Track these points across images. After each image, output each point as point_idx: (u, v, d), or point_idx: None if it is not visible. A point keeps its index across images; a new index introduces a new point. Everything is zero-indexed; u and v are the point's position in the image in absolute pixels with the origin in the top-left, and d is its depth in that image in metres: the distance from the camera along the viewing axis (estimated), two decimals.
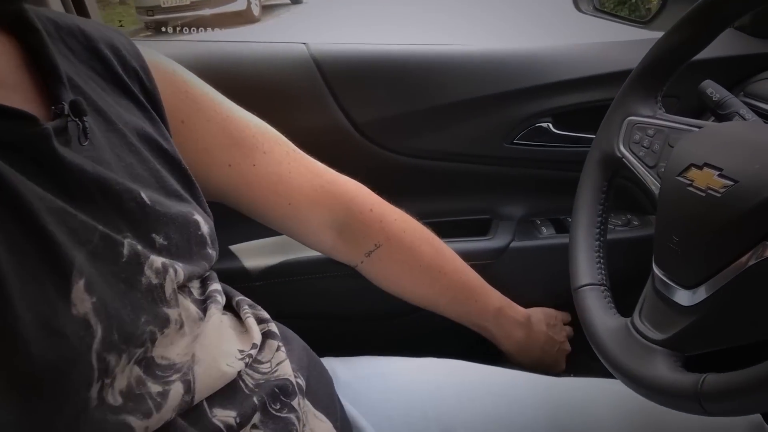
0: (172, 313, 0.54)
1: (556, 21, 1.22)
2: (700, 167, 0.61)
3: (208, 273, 0.64)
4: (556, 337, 0.97)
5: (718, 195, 0.58)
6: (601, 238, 0.77)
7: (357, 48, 0.95)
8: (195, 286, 0.61)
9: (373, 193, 0.83)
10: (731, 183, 0.57)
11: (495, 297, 0.91)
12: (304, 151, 0.80)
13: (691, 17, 0.70)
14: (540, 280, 1.04)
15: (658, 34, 1.12)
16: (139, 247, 0.51)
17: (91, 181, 0.49)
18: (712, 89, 0.79)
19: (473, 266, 0.97)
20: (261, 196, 0.75)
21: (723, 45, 0.83)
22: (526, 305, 0.99)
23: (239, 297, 0.68)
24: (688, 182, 0.61)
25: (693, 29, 0.70)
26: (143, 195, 0.54)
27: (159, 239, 0.54)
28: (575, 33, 1.18)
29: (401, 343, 0.99)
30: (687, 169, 0.63)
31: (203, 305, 0.60)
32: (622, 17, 1.20)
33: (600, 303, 0.72)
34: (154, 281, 0.52)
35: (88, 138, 0.51)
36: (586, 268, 0.75)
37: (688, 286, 0.61)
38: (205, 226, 0.61)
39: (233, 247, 0.96)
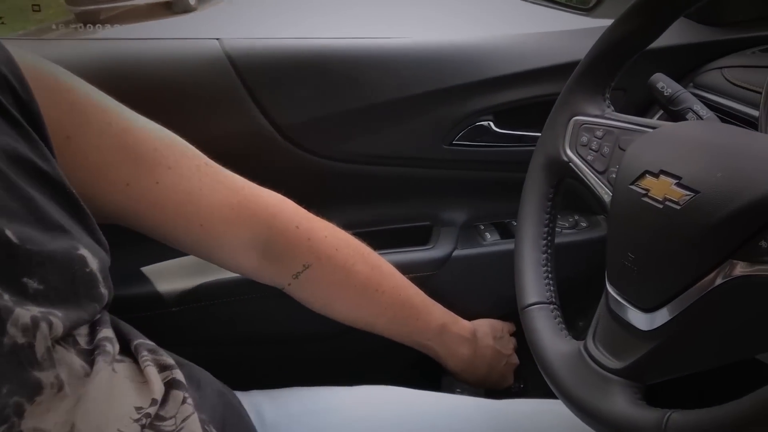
0: (45, 376, 0.45)
1: (494, 8, 1.13)
2: (655, 175, 0.55)
3: (99, 315, 0.54)
4: (503, 351, 0.91)
5: (678, 207, 0.51)
6: (549, 251, 0.71)
7: (277, 43, 0.86)
8: (82, 334, 0.52)
9: (299, 207, 0.75)
10: (691, 194, 0.51)
11: (438, 313, 0.84)
12: (220, 162, 0.71)
13: (639, 7, 0.63)
14: (486, 290, 0.97)
15: (601, 22, 1.07)
16: (5, 297, 0.42)
17: None
18: (663, 83, 0.73)
19: (414, 279, 0.89)
20: (167, 218, 0.66)
21: (670, 33, 0.77)
22: (472, 317, 0.92)
23: (139, 340, 0.58)
24: (643, 191, 0.55)
25: (642, 20, 0.64)
26: (8, 232, 0.44)
27: (33, 284, 0.45)
28: (514, 20, 1.11)
29: (334, 365, 0.92)
30: (641, 176, 0.56)
31: (90, 357, 0.51)
32: (563, 4, 1.14)
33: (549, 324, 0.66)
34: (21, 341, 0.43)
35: None
36: (533, 285, 0.68)
37: (647, 308, 0.54)
38: (94, 261, 0.52)
39: (146, 269, 0.86)
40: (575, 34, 0.95)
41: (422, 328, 0.83)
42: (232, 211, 0.68)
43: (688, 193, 0.51)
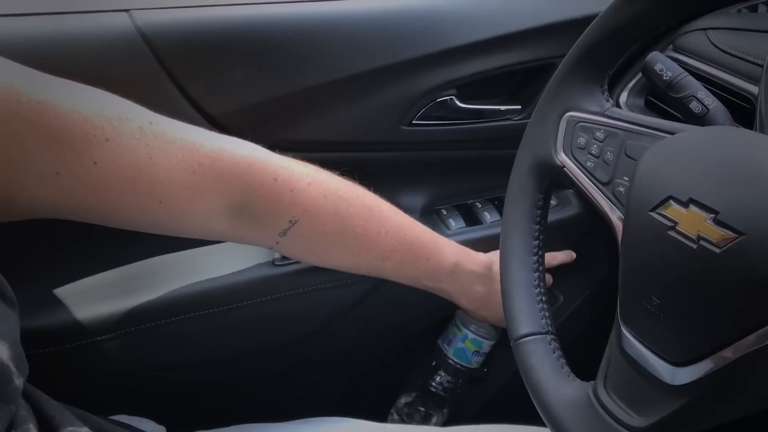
0: None
1: None
2: (684, 204, 0.46)
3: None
4: None
5: (717, 251, 0.43)
6: (540, 268, 0.62)
7: (198, 14, 0.70)
8: None
9: (272, 154, 0.64)
10: (734, 235, 0.42)
11: (449, 251, 0.76)
12: None
13: None
14: None
15: None
16: None
17: None
18: (662, 65, 0.63)
19: (370, 282, 0.80)
20: (114, 201, 0.55)
21: None
22: (434, 311, 0.85)
23: (69, 429, 0.47)
24: (669, 223, 0.46)
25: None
26: None
27: None
28: None
29: (284, 390, 0.84)
30: (664, 203, 0.47)
31: None
32: None
33: (548, 360, 0.58)
34: None
35: None
36: (525, 312, 0.60)
37: (677, 362, 0.46)
38: (2, 346, 0.41)
39: (61, 292, 0.73)
40: None
41: (434, 269, 0.75)
42: (193, 176, 0.57)
43: (729, 233, 0.42)
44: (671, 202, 0.46)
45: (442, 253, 0.75)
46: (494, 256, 0.80)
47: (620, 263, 0.51)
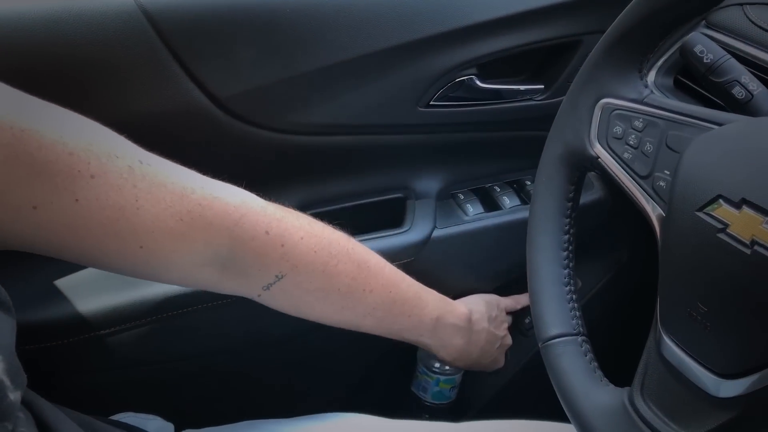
0: None
1: None
2: (736, 205, 0.42)
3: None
4: (497, 332, 0.82)
5: None
6: (571, 264, 0.58)
7: None
8: None
9: (267, 204, 0.59)
10: None
11: (432, 305, 0.73)
12: (147, 142, 0.54)
13: None
14: (469, 270, 0.86)
15: None
16: None
17: None
18: (703, 47, 0.59)
19: None
20: (93, 242, 0.50)
21: None
22: (455, 295, 0.81)
23: None
24: (720, 225, 0.43)
25: None
26: None
27: None
28: None
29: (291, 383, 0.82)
30: (713, 202, 0.44)
31: None
32: None
33: (580, 364, 0.54)
34: None
35: None
36: (554, 312, 0.57)
37: (725, 374, 0.43)
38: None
39: (62, 283, 0.70)
40: None
41: (415, 325, 0.72)
42: (180, 224, 0.52)
43: None
44: (721, 201, 0.43)
45: (424, 309, 0.72)
46: (474, 305, 0.79)
47: (660, 265, 0.48)
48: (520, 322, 0.98)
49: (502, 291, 0.88)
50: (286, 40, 0.69)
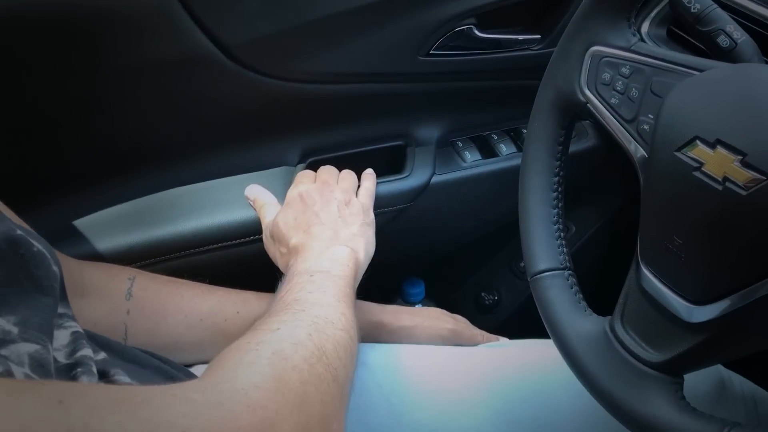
0: None
1: None
2: (711, 145, 0.45)
3: (67, 320, 0.45)
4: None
5: (744, 193, 0.43)
6: (560, 204, 0.62)
7: None
8: (59, 344, 0.43)
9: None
10: (761, 178, 0.42)
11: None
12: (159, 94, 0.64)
13: None
14: (467, 212, 0.89)
15: None
16: None
17: None
18: None
19: (389, 213, 0.81)
20: None
21: None
22: (449, 241, 0.85)
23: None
24: (695, 164, 0.46)
25: None
26: None
27: None
28: None
29: None
30: (690, 143, 0.47)
31: (70, 375, 0.41)
32: None
33: (566, 295, 0.58)
34: None
35: None
36: (543, 248, 0.60)
37: (696, 300, 0.47)
38: (39, 241, 0.44)
39: (79, 223, 0.74)
40: None
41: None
42: None
43: (757, 176, 0.42)
44: (698, 142, 0.46)
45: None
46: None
47: (642, 202, 0.52)
48: (515, 266, 1.02)
49: (498, 235, 0.92)
50: None
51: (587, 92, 0.58)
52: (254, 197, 0.76)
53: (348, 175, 0.77)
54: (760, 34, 0.62)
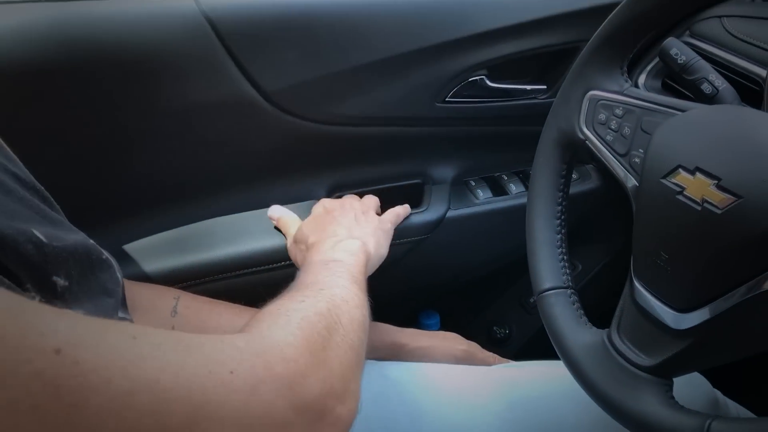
0: None
1: None
2: (691, 172, 0.53)
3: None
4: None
5: (718, 212, 0.50)
6: (563, 230, 0.69)
7: (259, 0, 0.78)
8: None
9: None
10: (734, 198, 0.49)
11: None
12: (204, 133, 0.73)
13: None
14: (478, 246, 0.96)
15: None
16: (37, 299, 0.40)
17: None
18: (677, 50, 0.69)
19: (406, 243, 0.88)
20: None
21: None
22: (463, 273, 0.92)
23: None
24: (677, 189, 0.53)
25: None
26: (36, 232, 0.41)
27: (60, 281, 0.43)
28: None
29: None
30: (674, 171, 0.54)
31: None
32: None
33: (568, 311, 0.65)
34: None
35: None
36: (548, 269, 0.67)
37: (681, 308, 0.54)
38: (107, 252, 0.51)
39: (129, 247, 0.81)
40: None
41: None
42: None
43: (730, 197, 0.49)
44: (680, 170, 0.53)
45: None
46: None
47: (634, 225, 0.59)
48: (525, 302, 1.08)
49: (510, 271, 0.99)
50: (325, 43, 0.80)
51: (586, 130, 0.66)
52: (278, 216, 0.83)
53: (370, 196, 0.85)
54: (738, 83, 0.70)
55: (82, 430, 0.27)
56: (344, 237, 0.70)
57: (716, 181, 0.50)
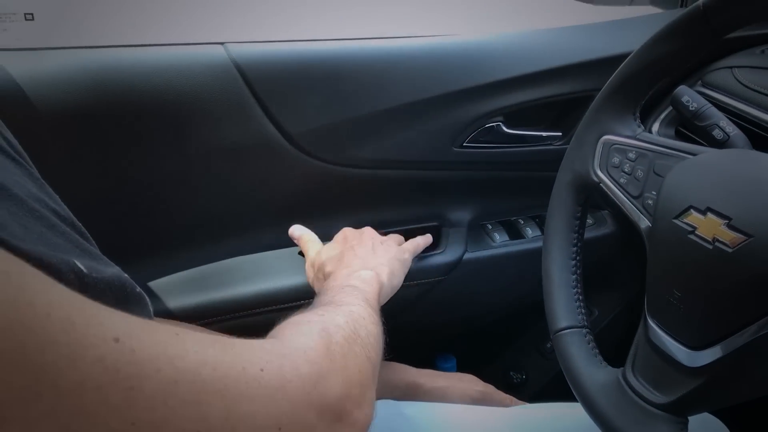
0: None
1: None
2: (702, 212, 0.54)
3: None
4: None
5: (729, 250, 0.51)
6: (578, 271, 0.70)
7: (283, 48, 0.82)
8: None
9: None
10: (744, 237, 0.50)
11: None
12: (229, 173, 0.74)
13: (680, 26, 0.61)
14: (495, 289, 0.97)
15: (603, 10, 1.05)
16: None
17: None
18: (689, 98, 0.72)
19: (424, 284, 0.89)
20: None
21: None
22: (480, 316, 0.92)
23: None
24: (690, 229, 0.55)
25: (682, 40, 0.62)
26: (78, 263, 0.42)
27: None
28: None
29: None
30: (686, 211, 0.56)
31: None
32: None
33: (584, 350, 0.66)
34: None
35: None
36: (564, 309, 0.68)
37: (694, 346, 0.55)
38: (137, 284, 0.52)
39: (154, 284, 0.84)
40: (584, 30, 0.93)
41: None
42: None
43: (740, 236, 0.50)
44: (692, 210, 0.55)
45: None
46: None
47: (647, 264, 0.60)
48: (542, 347, 1.08)
49: (526, 315, 1.00)
50: (347, 89, 0.84)
51: (600, 173, 0.68)
52: (299, 235, 0.86)
53: (395, 234, 0.87)
54: (749, 130, 0.72)
55: (136, 411, 0.29)
56: (358, 268, 0.72)
57: (727, 221, 0.52)
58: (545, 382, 1.07)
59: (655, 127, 0.91)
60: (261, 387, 0.36)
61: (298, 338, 0.45)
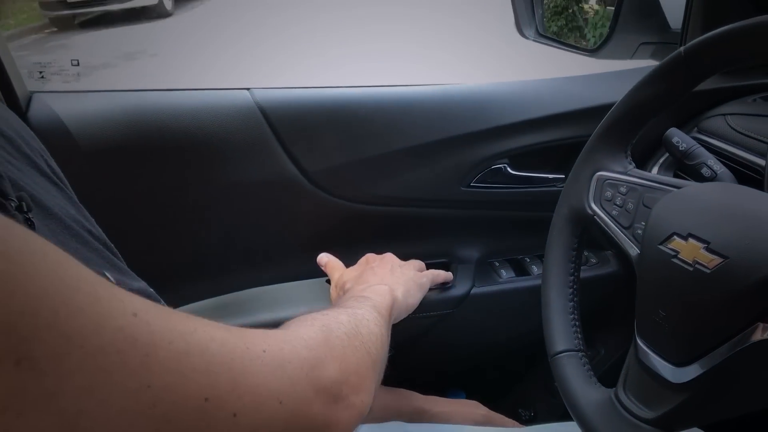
0: None
1: (500, 47, 1.17)
2: (684, 237, 0.59)
3: None
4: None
5: (708, 271, 0.55)
6: (575, 299, 0.74)
7: (304, 93, 0.89)
8: None
9: None
10: (721, 259, 0.55)
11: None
12: (250, 210, 0.81)
13: (663, 71, 0.67)
14: (501, 323, 1.01)
15: (605, 63, 1.12)
16: None
17: None
18: (678, 138, 0.78)
19: (434, 317, 0.94)
20: None
21: None
22: (487, 351, 0.96)
23: None
24: (673, 253, 0.59)
25: (665, 84, 0.68)
26: (109, 275, 0.47)
27: None
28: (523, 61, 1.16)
29: None
30: (669, 238, 0.60)
31: None
32: (567, 44, 1.18)
33: (579, 371, 0.69)
34: None
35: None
36: (561, 333, 0.72)
37: (677, 363, 0.58)
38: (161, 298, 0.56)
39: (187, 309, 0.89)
40: (585, 80, 0.99)
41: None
42: None
43: (717, 258, 0.55)
44: (675, 236, 0.59)
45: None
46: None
47: (637, 288, 0.64)
48: (550, 384, 1.11)
49: (534, 353, 1.03)
50: (361, 131, 0.90)
51: (594, 206, 0.73)
52: (326, 262, 0.90)
53: (416, 260, 0.90)
54: (737, 170, 0.77)
55: (151, 375, 0.33)
56: (375, 283, 0.76)
57: (706, 245, 0.56)
58: (554, 419, 1.09)
59: (654, 171, 0.96)
60: (263, 364, 0.40)
61: (300, 329, 0.49)
